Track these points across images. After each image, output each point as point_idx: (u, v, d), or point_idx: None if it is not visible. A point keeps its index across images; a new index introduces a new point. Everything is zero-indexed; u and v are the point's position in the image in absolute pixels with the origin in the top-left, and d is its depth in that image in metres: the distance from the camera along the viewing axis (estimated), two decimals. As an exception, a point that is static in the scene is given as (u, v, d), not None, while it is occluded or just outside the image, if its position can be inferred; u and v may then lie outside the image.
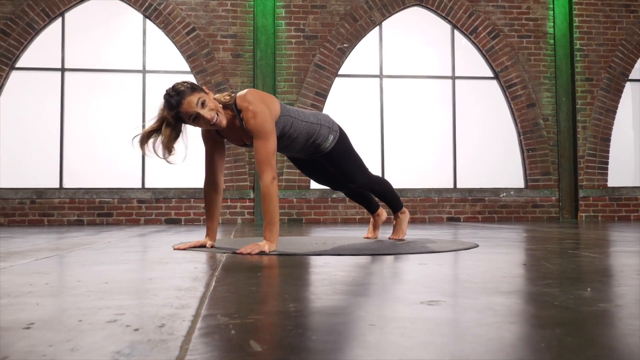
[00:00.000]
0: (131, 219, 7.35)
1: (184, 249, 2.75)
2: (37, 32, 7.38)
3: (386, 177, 7.77)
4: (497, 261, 2.18)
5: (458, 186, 7.92)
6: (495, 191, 7.90)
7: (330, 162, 3.15)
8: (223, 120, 2.60)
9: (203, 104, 2.53)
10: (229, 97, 2.70)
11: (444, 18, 7.98)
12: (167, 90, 2.58)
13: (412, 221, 7.62)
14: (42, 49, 7.42)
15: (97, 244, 3.25)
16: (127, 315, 1.09)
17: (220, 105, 2.62)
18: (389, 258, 2.33)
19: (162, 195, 7.40)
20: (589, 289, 1.43)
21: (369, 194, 3.52)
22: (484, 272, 1.83)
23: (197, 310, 1.15)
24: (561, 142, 8.00)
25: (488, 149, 7.97)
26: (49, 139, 7.39)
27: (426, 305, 1.22)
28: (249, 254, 2.48)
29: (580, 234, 4.26)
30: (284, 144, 2.90)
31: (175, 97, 2.52)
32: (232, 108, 2.68)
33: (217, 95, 2.76)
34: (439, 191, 7.82)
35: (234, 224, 7.20)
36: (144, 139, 2.60)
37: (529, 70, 8.02)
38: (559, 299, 1.30)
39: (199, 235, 4.34)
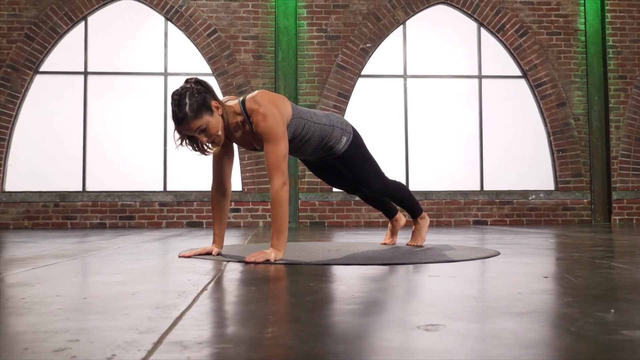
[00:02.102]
0: (153, 222, 7.33)
1: (189, 257, 2.65)
2: (61, 36, 7.42)
3: (410, 180, 7.61)
4: (516, 273, 2.02)
5: (485, 188, 7.69)
6: (524, 193, 7.65)
7: (344, 165, 3.01)
8: (220, 142, 2.52)
9: (204, 131, 2.43)
10: (237, 102, 2.59)
11: (470, 16, 7.77)
12: (173, 98, 2.42)
13: (438, 225, 7.43)
14: (65, 52, 7.45)
15: (106, 250, 3.17)
16: (81, 341, 0.98)
17: (222, 124, 2.48)
18: (400, 268, 2.18)
19: (183, 198, 7.36)
20: (612, 311, 1.27)
21: (386, 198, 3.36)
22: (499, 287, 1.67)
23: (162, 335, 1.03)
24: (593, 142, 7.71)
25: (516, 150, 7.73)
26: (72, 142, 7.41)
27: (423, 330, 1.08)
28: (253, 262, 2.36)
29: (612, 239, 4.04)
30: (295, 146, 2.77)
31: (177, 115, 2.39)
32: (242, 111, 2.56)
33: (226, 99, 2.65)
34: (465, 194, 7.60)
35: (255, 227, 7.11)
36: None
37: (558, 69, 7.75)
38: (577, 324, 1.14)
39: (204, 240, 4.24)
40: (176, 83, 7.46)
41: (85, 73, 7.47)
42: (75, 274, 2.02)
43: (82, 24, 7.48)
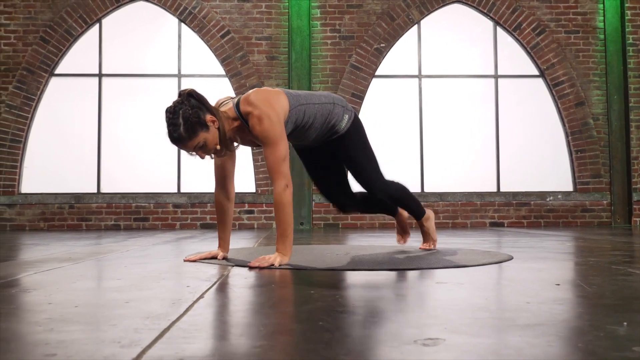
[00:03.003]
0: (167, 223, 7.33)
1: (194, 261, 2.62)
2: (75, 39, 7.45)
3: (426, 181, 7.52)
4: (527, 280, 1.94)
5: (501, 190, 7.57)
6: (542, 195, 7.52)
7: (344, 150, 2.80)
8: (220, 153, 2.49)
9: (201, 147, 2.39)
10: (232, 105, 2.53)
11: (486, 15, 7.66)
12: (167, 115, 2.34)
13: (453, 226, 7.33)
14: (80, 55, 7.49)
15: (114, 253, 3.15)
16: (58, 355, 0.94)
17: (217, 135, 2.42)
18: (408, 274, 2.12)
19: (197, 200, 7.35)
20: (625, 324, 1.20)
21: (385, 198, 3.04)
22: (506, 296, 1.61)
23: (143, 350, 0.98)
24: (613, 142, 7.55)
25: (533, 151, 7.60)
26: (87, 144, 7.44)
27: (420, 345, 1.02)
28: (257, 267, 2.32)
29: (632, 243, 3.93)
30: (299, 133, 2.66)
31: (172, 134, 2.33)
32: (237, 115, 2.49)
33: (221, 102, 2.60)
34: (481, 195, 7.49)
35: (269, 228, 7.07)
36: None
37: (577, 67, 7.60)
38: (586, 338, 1.07)
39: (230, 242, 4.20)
40: (190, 84, 7.45)
41: (100, 75, 7.50)
42: (75, 279, 1.99)
43: (97, 26, 7.51)
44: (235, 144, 2.66)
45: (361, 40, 7.58)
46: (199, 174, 7.38)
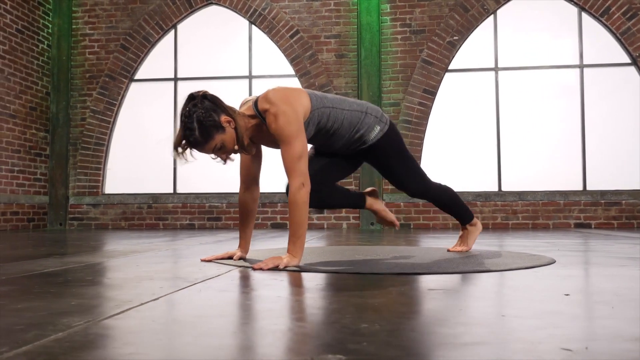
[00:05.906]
0: (239, 223, 7.42)
1: (210, 261, 2.58)
2: (153, 45, 7.75)
3: (503, 179, 7.12)
4: (537, 288, 1.71)
5: (588, 188, 7.01)
6: (635, 194, 6.88)
7: (376, 160, 2.72)
8: (244, 151, 2.42)
9: (220, 149, 2.34)
10: (251, 104, 2.47)
11: (569, 0, 7.12)
12: (181, 119, 2.30)
13: (534, 227, 6.88)
14: (157, 60, 7.78)
15: (149, 252, 3.19)
16: None
17: (234, 135, 2.35)
18: (410, 279, 1.94)
19: (267, 200, 7.40)
20: (586, 347, 0.99)
21: (344, 189, 2.88)
22: (487, 307, 1.41)
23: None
24: None
25: (625, 145, 6.97)
26: (164, 146, 7.71)
27: (307, 364, 0.88)
28: (260, 269, 2.23)
29: None
30: (323, 138, 2.57)
31: (189, 139, 2.28)
32: (256, 113, 2.43)
33: (245, 102, 2.56)
34: (565, 194, 6.98)
35: (338, 228, 6.99)
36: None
37: (675, 53, 6.89)
38: (516, 364, 0.89)
39: (285, 242, 4.17)
40: (260, 85, 7.52)
41: (175, 79, 7.75)
42: (75, 279, 2.00)
43: (172, 32, 7.77)
44: (262, 144, 2.60)
45: (433, 33, 7.30)
46: (268, 174, 7.41)
